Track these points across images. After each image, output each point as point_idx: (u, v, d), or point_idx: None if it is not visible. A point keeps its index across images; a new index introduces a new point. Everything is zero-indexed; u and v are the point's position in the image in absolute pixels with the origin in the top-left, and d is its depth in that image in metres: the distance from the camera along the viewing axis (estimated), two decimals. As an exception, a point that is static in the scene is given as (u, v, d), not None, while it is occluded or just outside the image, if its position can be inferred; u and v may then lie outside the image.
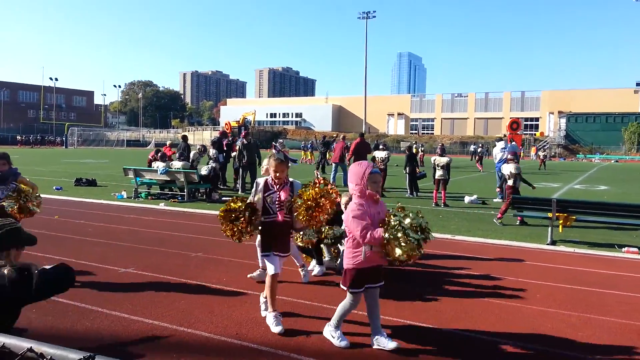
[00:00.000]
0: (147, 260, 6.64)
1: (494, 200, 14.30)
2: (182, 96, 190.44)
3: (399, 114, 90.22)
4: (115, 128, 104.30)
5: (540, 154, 38.41)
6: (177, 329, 4.28)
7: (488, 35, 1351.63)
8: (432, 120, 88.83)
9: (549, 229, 8.52)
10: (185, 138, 15.80)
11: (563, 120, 67.64)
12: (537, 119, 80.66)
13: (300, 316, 4.67)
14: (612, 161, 52.67)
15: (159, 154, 14.30)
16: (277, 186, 4.45)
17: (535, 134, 73.72)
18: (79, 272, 6.00)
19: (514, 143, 15.39)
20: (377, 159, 15.18)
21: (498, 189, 14.66)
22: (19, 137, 70.41)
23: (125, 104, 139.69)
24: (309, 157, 37.31)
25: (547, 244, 8.35)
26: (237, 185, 15.61)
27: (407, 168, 15.25)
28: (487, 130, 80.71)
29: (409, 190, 15.29)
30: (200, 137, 71.00)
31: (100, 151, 53.76)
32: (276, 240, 4.44)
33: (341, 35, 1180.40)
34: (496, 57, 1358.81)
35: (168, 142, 17.56)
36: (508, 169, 10.75)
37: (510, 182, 10.57)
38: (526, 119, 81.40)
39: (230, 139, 17.90)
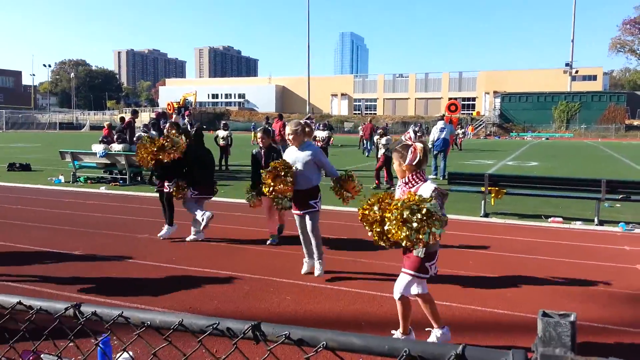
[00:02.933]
0: (94, 243, 6.61)
1: (430, 177, 14.66)
2: (118, 76, 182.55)
3: (342, 95, 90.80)
4: (47, 110, 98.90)
5: (459, 131, 38.00)
6: (130, 306, 4.37)
7: (428, 16, 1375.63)
8: (375, 100, 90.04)
9: (482, 202, 9.10)
10: (123, 120, 15.46)
11: (498, 100, 70.41)
12: (474, 99, 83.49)
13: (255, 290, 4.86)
14: (543, 139, 55.57)
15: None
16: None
17: (472, 114, 76.49)
18: (23, 255, 5.92)
19: (450, 125, 15.87)
20: (317, 138, 15.47)
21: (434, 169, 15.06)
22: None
23: (56, 85, 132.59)
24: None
25: (481, 216, 8.93)
26: None
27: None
28: (427, 110, 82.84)
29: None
30: (139, 118, 68.67)
31: (31, 134, 51.02)
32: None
33: (284, 15, 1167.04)
34: (436, 38, 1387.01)
35: (106, 124, 17.04)
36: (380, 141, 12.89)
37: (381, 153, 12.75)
38: (464, 99, 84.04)
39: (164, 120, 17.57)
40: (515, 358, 0.88)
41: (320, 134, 15.69)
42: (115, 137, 14.42)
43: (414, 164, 3.59)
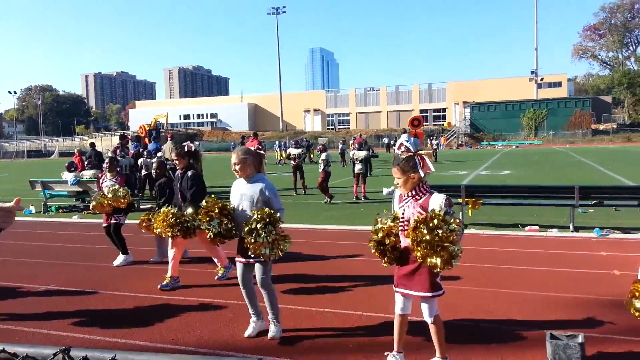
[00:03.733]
0: (69, 276, 6.41)
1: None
2: (86, 100, 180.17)
3: (315, 110, 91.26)
4: (14, 138, 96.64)
5: (433, 142, 37.83)
6: (110, 340, 4.23)
7: (395, 30, 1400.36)
8: (348, 115, 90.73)
9: (460, 213, 9.18)
10: (93, 145, 15.18)
11: (467, 110, 71.74)
12: (444, 110, 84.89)
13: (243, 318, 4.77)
14: (514, 147, 56.71)
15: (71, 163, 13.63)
16: None
17: (443, 124, 77.69)
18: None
19: (416, 138, 16.14)
20: (291, 155, 15.48)
21: None
22: None
23: (23, 112, 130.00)
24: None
25: (459, 228, 8.99)
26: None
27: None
28: (399, 122, 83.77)
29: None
30: (109, 143, 67.62)
31: (-1, 163, 49.72)
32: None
33: (252, 32, 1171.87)
34: (404, 51, 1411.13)
35: (76, 150, 16.74)
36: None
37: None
38: (434, 110, 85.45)
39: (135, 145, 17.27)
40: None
41: (294, 151, 15.64)
42: (85, 163, 14.15)
43: (428, 172, 3.48)
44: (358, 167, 13.49)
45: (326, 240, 8.51)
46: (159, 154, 16.35)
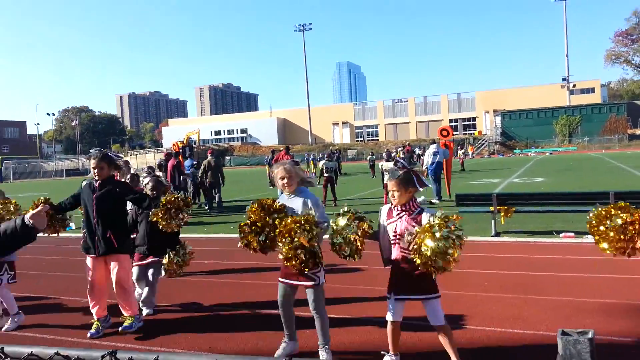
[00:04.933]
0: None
1: (433, 201, 14.31)
2: (121, 120, 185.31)
3: (343, 123, 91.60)
4: (52, 158, 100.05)
5: (460, 152, 36.30)
6: (151, 349, 4.38)
7: (422, 40, 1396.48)
8: (376, 126, 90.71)
9: (492, 221, 9.10)
10: (127, 163, 15.72)
11: (498, 119, 70.79)
12: (474, 119, 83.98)
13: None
14: (547, 154, 55.58)
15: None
16: None
17: (473, 134, 76.82)
18: (42, 306, 5.95)
19: (446, 149, 15.95)
20: (325, 168, 15.56)
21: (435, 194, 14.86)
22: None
23: (61, 132, 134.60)
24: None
25: (492, 236, 8.91)
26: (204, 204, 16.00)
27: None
28: (428, 132, 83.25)
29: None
30: (144, 160, 69.33)
31: (39, 183, 51.57)
32: None
33: (280, 49, 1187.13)
34: (431, 61, 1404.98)
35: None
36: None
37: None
38: (464, 120, 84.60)
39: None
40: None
41: (328, 164, 15.50)
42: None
43: (424, 187, 3.68)
44: (387, 177, 13.47)
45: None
46: (189, 169, 16.78)
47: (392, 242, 3.67)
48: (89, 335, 4.82)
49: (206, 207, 15.76)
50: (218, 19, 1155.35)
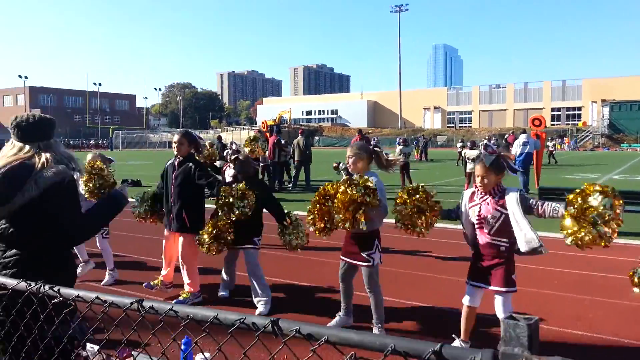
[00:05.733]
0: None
1: None
2: (220, 97, 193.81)
3: (435, 108, 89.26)
4: (157, 130, 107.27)
5: (549, 144, 32.60)
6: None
7: (526, 24, 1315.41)
8: (470, 112, 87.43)
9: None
10: (219, 138, 16.61)
11: (606, 109, 65.40)
12: (579, 109, 78.25)
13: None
14: (660, 150, 50.73)
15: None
16: None
17: (577, 124, 71.66)
18: (127, 263, 6.61)
19: (537, 140, 15.03)
20: (401, 154, 15.46)
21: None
22: (71, 142, 73.17)
23: (166, 106, 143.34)
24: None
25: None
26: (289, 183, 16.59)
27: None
28: (526, 121, 78.90)
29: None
30: (239, 136, 72.35)
31: (144, 153, 55.64)
32: None
33: (374, 30, 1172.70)
34: (535, 46, 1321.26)
35: (207, 143, 18.29)
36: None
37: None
38: (568, 109, 79.18)
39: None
40: (484, 357, 1.01)
41: (405, 149, 15.45)
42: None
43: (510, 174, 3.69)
44: (470, 166, 13.17)
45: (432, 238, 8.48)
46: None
47: (476, 225, 3.65)
48: (144, 285, 5.22)
49: (289, 185, 16.28)
50: (314, 1, 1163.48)
